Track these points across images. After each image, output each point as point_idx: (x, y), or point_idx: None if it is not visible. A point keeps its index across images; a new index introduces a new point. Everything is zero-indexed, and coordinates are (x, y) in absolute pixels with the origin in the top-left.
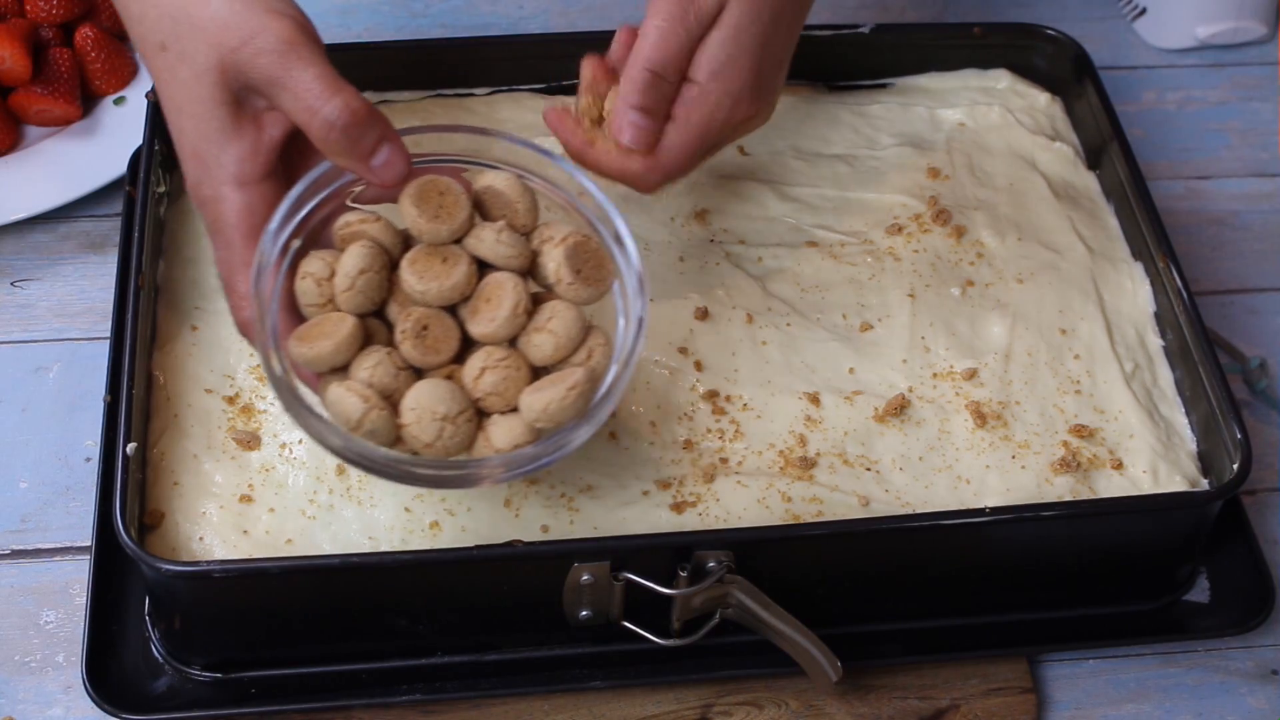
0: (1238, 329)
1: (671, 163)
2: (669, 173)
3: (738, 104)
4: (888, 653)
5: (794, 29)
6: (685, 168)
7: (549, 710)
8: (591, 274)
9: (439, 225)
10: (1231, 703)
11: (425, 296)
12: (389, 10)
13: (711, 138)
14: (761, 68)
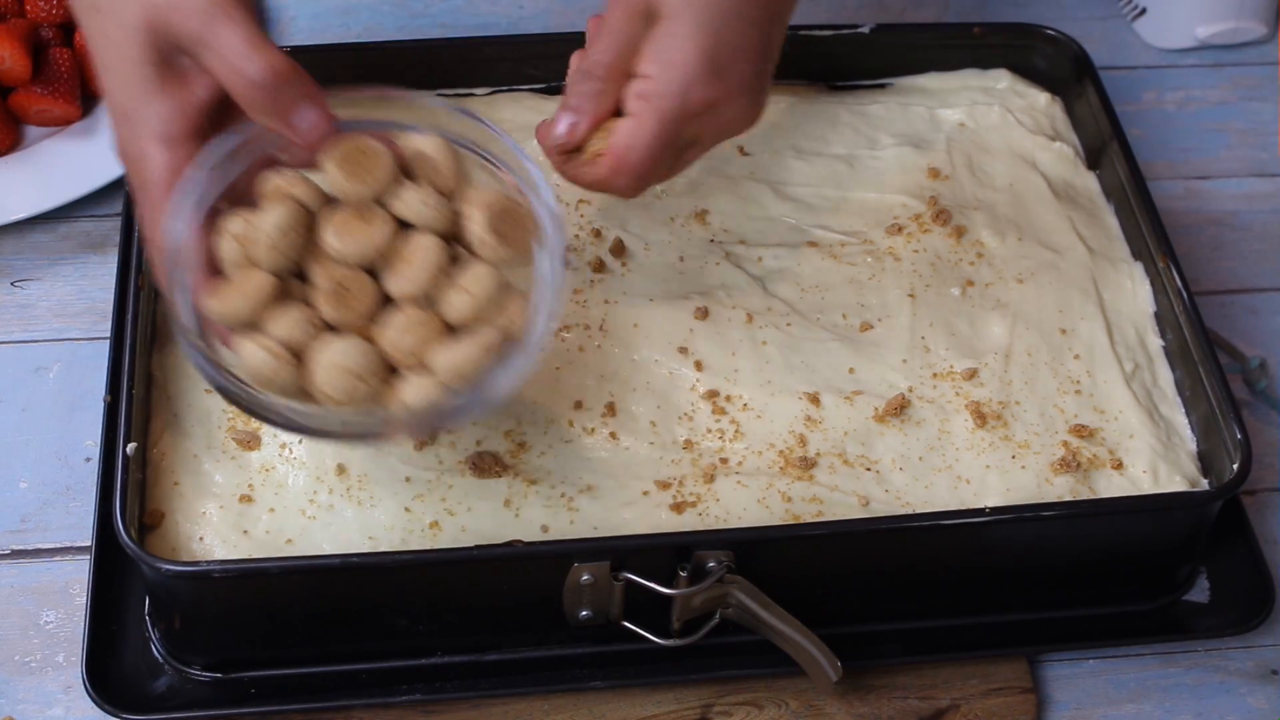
0: (1238, 329)
1: (635, 161)
2: (637, 172)
3: (688, 90)
4: (888, 653)
5: (762, 15)
6: (652, 165)
7: (549, 710)
8: (512, 236)
9: (360, 185)
10: (1231, 703)
11: (344, 255)
12: (389, 10)
13: (671, 130)
14: (714, 53)
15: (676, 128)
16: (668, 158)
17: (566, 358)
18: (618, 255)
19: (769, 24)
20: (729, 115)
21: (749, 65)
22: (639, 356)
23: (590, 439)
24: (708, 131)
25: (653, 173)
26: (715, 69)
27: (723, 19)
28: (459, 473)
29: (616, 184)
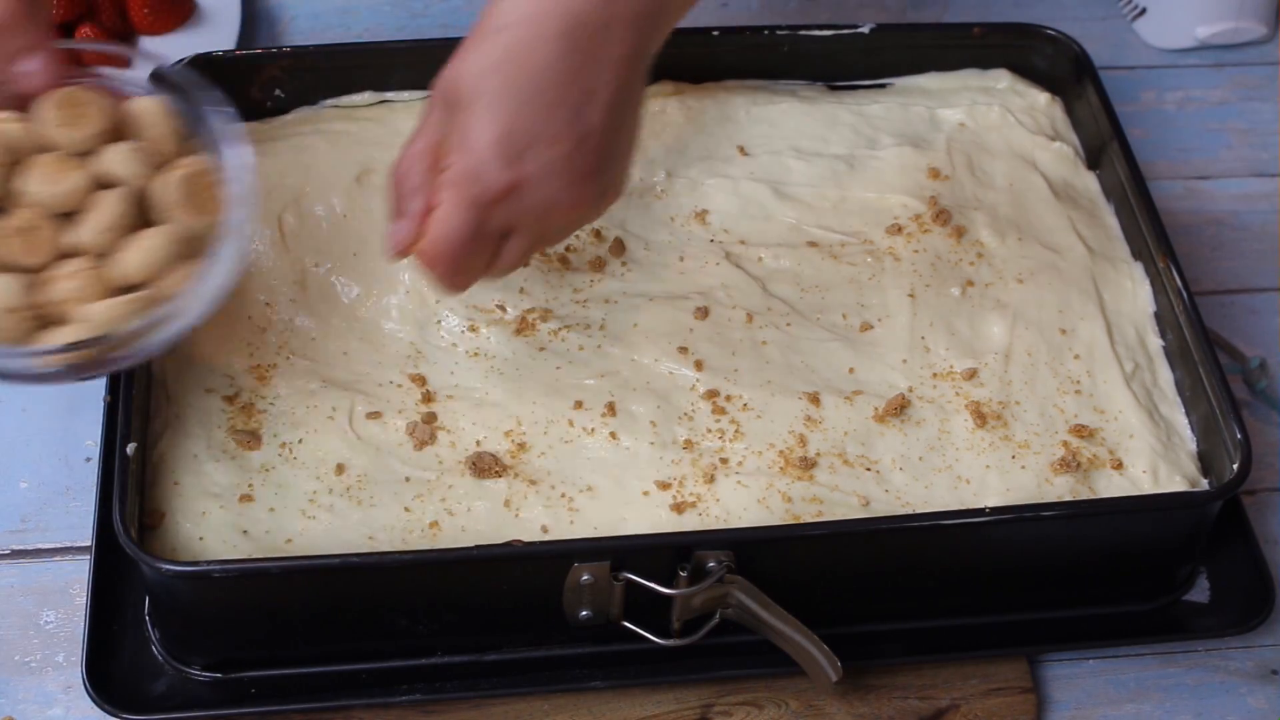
0: (1238, 329)
1: (446, 252)
2: (449, 263)
3: (482, 176)
4: (888, 653)
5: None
6: (463, 254)
7: (549, 710)
8: (200, 205)
9: (68, 132)
10: (1231, 703)
11: (36, 198)
12: (389, 10)
13: (474, 218)
14: (509, 137)
15: (479, 215)
16: (480, 247)
17: (567, 358)
18: (618, 255)
19: (581, 105)
20: (538, 201)
21: (554, 149)
22: (639, 356)
23: (590, 439)
24: (521, 219)
25: (467, 263)
26: (510, 153)
27: (519, 102)
28: (459, 473)
29: (435, 276)
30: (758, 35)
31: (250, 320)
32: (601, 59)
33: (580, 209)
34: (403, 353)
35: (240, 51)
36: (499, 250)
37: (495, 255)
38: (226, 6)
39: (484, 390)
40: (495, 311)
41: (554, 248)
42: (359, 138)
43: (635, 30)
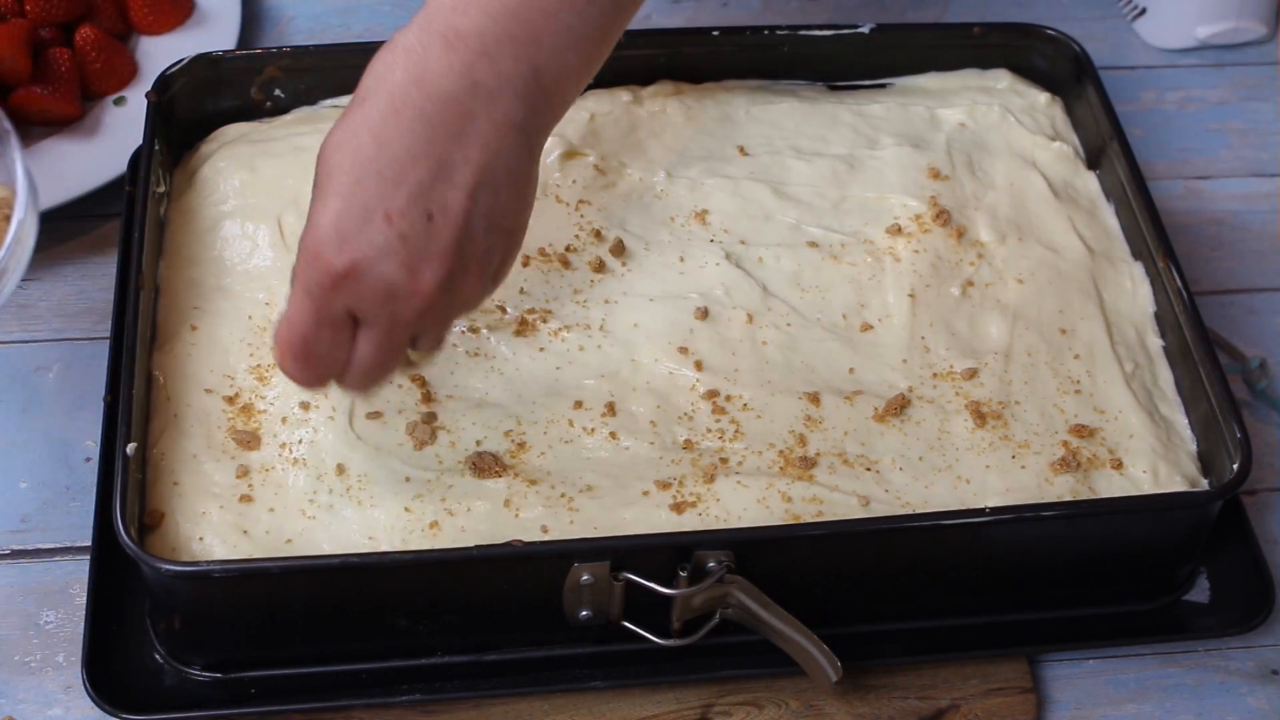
0: (1238, 329)
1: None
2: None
3: (317, 255)
4: (888, 653)
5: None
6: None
7: (549, 710)
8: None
9: None
10: (1231, 703)
11: None
12: (389, 10)
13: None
14: (341, 217)
15: (321, 300)
16: (328, 337)
17: (566, 358)
18: (618, 255)
19: (431, 182)
20: (377, 284)
21: (391, 228)
22: (639, 356)
23: (590, 439)
24: (363, 305)
25: (311, 354)
26: (342, 233)
27: (356, 181)
28: (459, 473)
29: (287, 370)
30: (758, 35)
31: (250, 320)
32: (468, 134)
33: (429, 294)
34: None
35: (240, 51)
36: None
37: (350, 347)
38: (226, 6)
39: (484, 390)
40: (495, 312)
41: (554, 248)
42: None
43: (520, 102)
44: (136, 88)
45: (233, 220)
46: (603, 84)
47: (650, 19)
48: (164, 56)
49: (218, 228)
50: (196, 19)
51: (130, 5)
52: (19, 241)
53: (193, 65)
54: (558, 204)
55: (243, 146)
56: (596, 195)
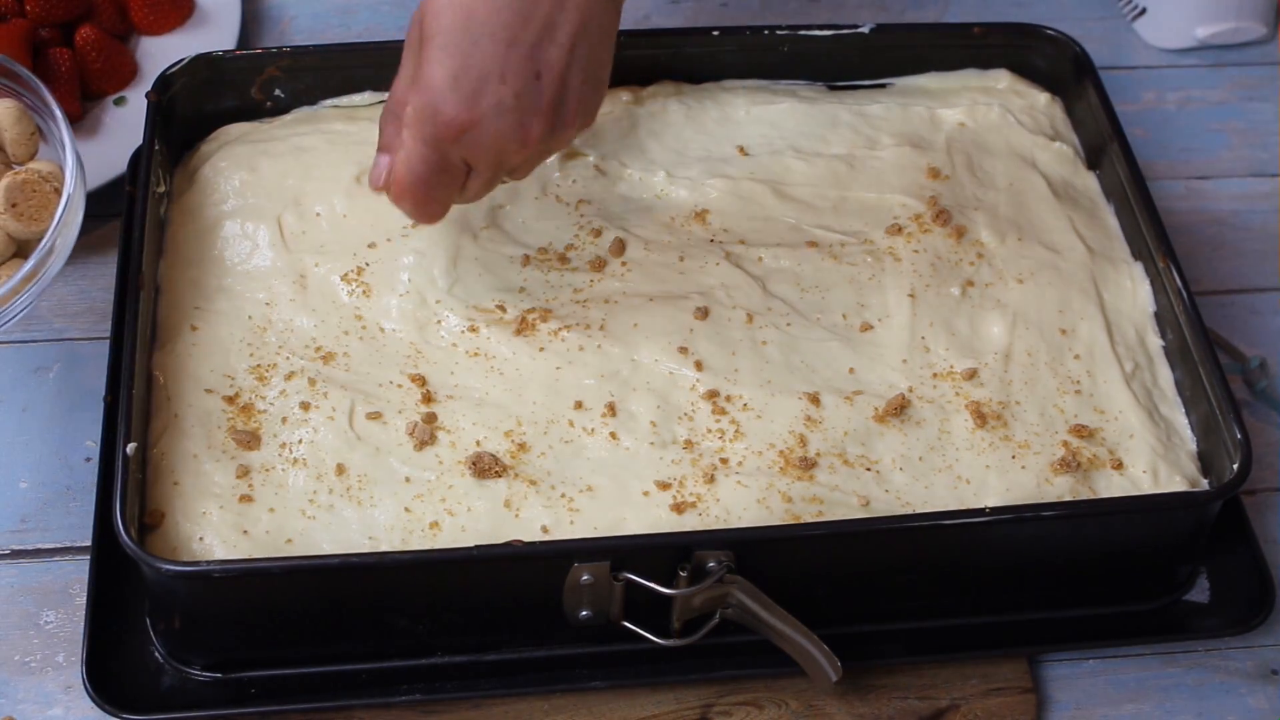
0: (1238, 329)
1: (410, 186)
2: (414, 198)
3: (437, 112)
4: (888, 653)
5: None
6: (425, 190)
7: (549, 710)
8: (30, 212)
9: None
10: (1231, 703)
11: None
12: (389, 10)
13: (432, 155)
14: (461, 75)
15: (437, 152)
16: (442, 182)
17: (566, 358)
18: (618, 255)
19: (537, 42)
20: (491, 138)
21: (505, 87)
22: (639, 356)
23: (590, 439)
24: (477, 156)
25: (430, 197)
26: (462, 91)
27: (472, 41)
28: (459, 473)
29: (404, 210)
30: (758, 35)
31: (250, 320)
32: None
33: (535, 145)
34: (403, 353)
35: (240, 51)
36: (465, 181)
37: (462, 185)
38: (226, 6)
39: (484, 390)
40: (495, 311)
41: (554, 248)
42: (359, 138)
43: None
44: (136, 88)
45: (233, 220)
46: None
47: (650, 19)
48: (164, 56)
49: (218, 228)
50: (196, 19)
51: (130, 5)
52: (69, 217)
53: (193, 65)
54: (558, 204)
55: (243, 146)
56: (596, 195)
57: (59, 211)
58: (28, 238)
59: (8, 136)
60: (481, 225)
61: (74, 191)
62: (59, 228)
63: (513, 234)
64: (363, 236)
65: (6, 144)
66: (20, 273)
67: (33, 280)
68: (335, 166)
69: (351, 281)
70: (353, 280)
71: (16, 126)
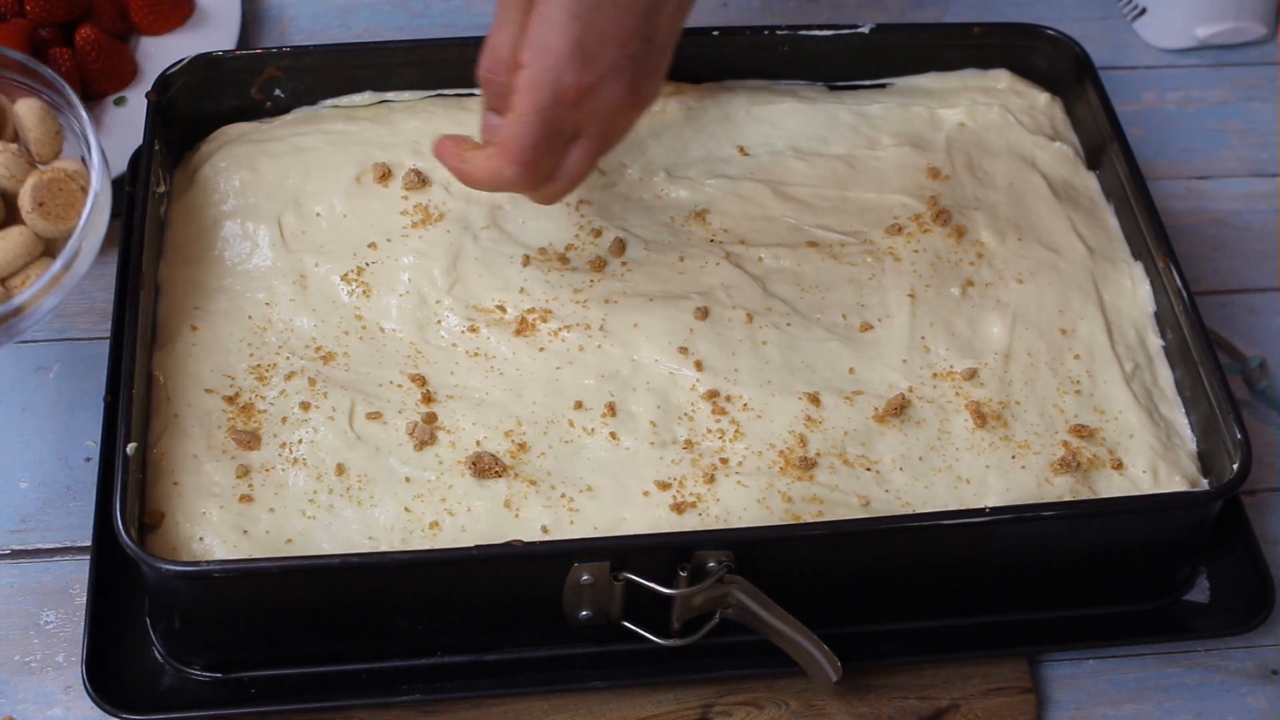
0: (1238, 329)
1: (519, 151)
2: (522, 161)
3: (559, 76)
4: (888, 653)
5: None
6: (535, 155)
7: (549, 710)
8: (56, 211)
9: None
10: (1231, 703)
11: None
12: (389, 10)
13: (547, 119)
14: (584, 38)
15: (553, 116)
16: (551, 148)
17: (566, 358)
18: (618, 255)
19: (650, 10)
20: (608, 102)
21: (622, 50)
22: (639, 356)
23: (590, 439)
24: (588, 121)
25: (538, 163)
26: (585, 55)
27: (593, 7)
28: (459, 473)
29: (507, 174)
30: (758, 35)
31: (250, 320)
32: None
33: (641, 109)
34: (403, 353)
35: (240, 51)
36: (564, 155)
37: (561, 161)
38: (226, 6)
39: (484, 390)
40: (495, 311)
41: (554, 248)
42: (359, 138)
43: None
44: (136, 88)
45: (233, 220)
46: None
47: None
48: (164, 56)
49: (218, 228)
50: (196, 19)
51: (130, 5)
52: (96, 215)
53: (193, 65)
54: (558, 204)
55: (243, 146)
56: (596, 195)
57: (86, 210)
58: (55, 236)
59: (32, 136)
60: (481, 225)
61: (100, 189)
62: (86, 226)
63: (513, 234)
64: (363, 236)
65: (31, 143)
66: (49, 272)
67: (61, 279)
68: (335, 166)
69: (351, 281)
70: (353, 280)
71: (40, 126)
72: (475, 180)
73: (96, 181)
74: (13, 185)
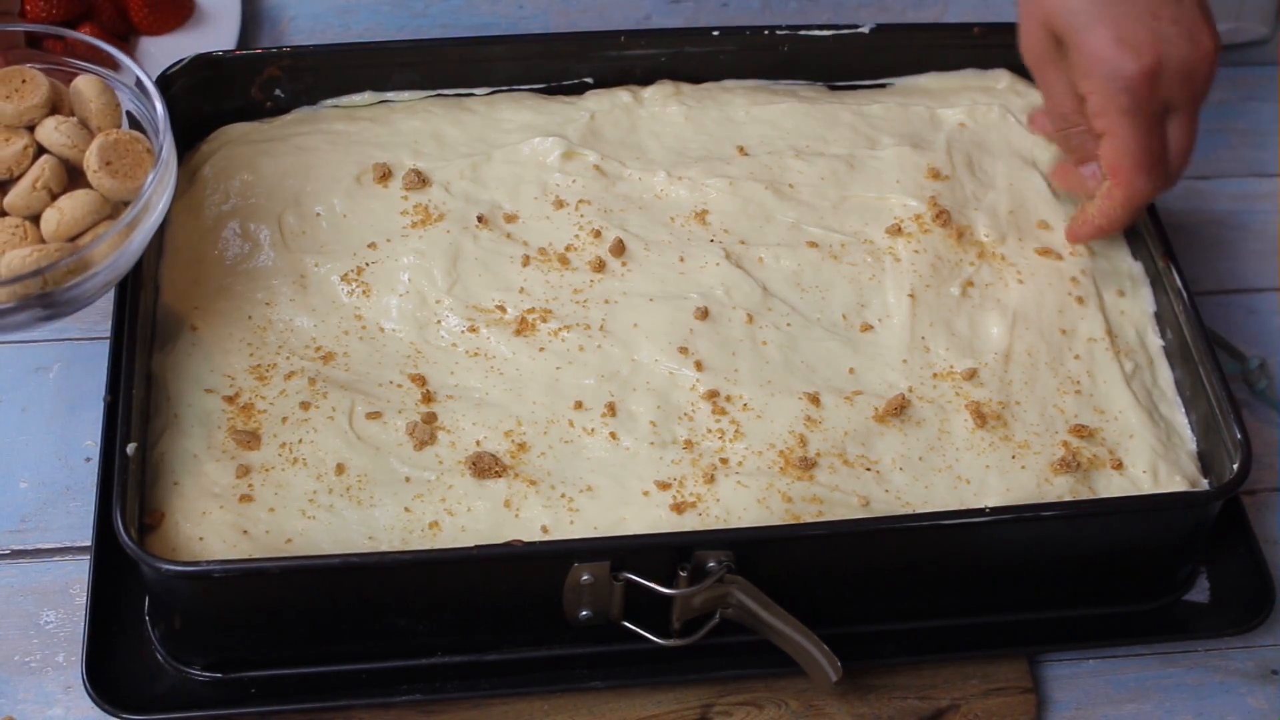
0: (1238, 329)
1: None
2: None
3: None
4: (888, 653)
5: None
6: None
7: (549, 710)
8: (123, 170)
9: (7, 104)
10: (1231, 703)
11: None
12: (389, 10)
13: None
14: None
15: (1144, 109)
16: (1158, 138)
17: (566, 358)
18: (618, 255)
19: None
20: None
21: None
22: (639, 356)
23: (590, 439)
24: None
25: (1157, 159)
26: (1129, 43)
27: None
28: (459, 473)
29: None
30: (758, 35)
31: (250, 320)
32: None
33: (1214, 53)
34: (403, 353)
35: (240, 51)
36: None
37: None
38: (226, 6)
39: (484, 390)
40: (495, 311)
41: (554, 248)
42: (359, 138)
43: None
44: None
45: (233, 220)
46: (603, 84)
47: (650, 19)
48: (164, 56)
49: (218, 228)
50: (196, 19)
51: (130, 5)
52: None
53: (193, 65)
54: (558, 204)
55: (243, 146)
56: (596, 195)
57: (156, 169)
58: (123, 197)
59: (92, 108)
60: (481, 225)
61: (166, 148)
62: (155, 183)
63: (513, 234)
64: (363, 236)
65: (92, 115)
66: (119, 223)
67: (132, 234)
68: (335, 166)
69: (351, 281)
70: (353, 280)
71: (100, 98)
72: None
73: (163, 140)
74: (75, 155)
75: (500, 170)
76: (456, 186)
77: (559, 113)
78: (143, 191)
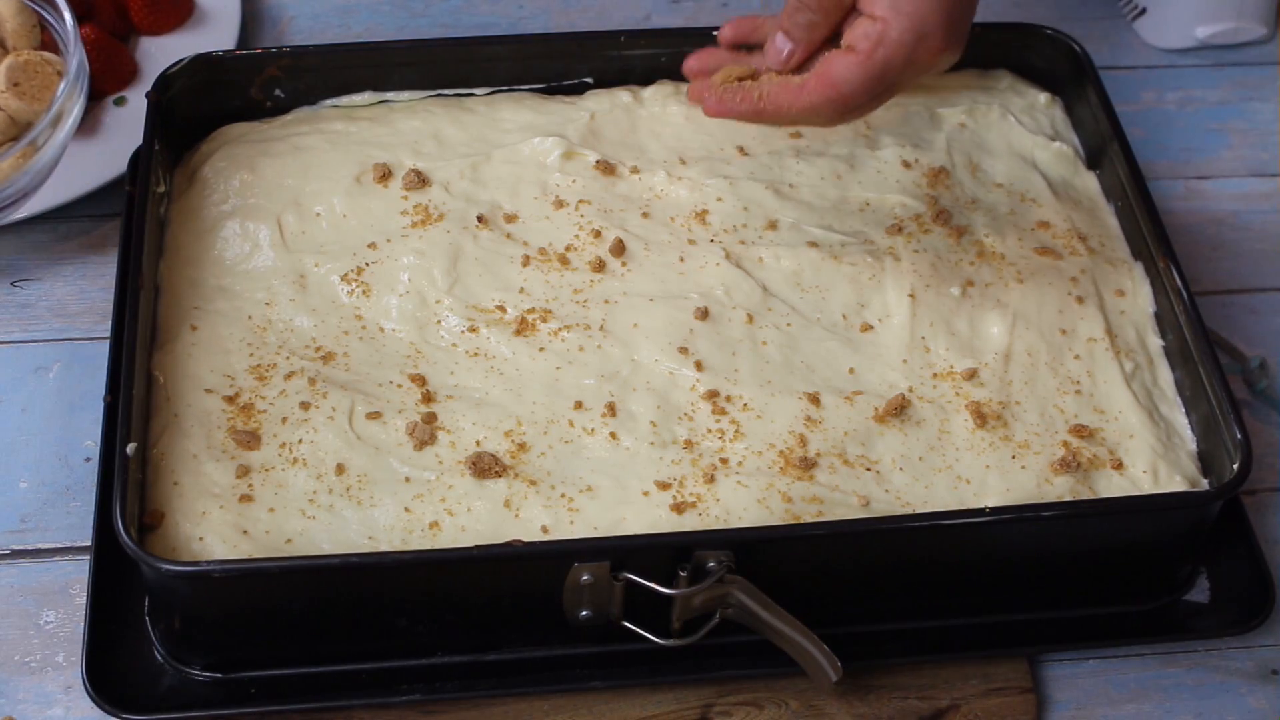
0: (1238, 329)
1: (848, 94)
2: (846, 105)
3: (924, 41)
4: (888, 653)
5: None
6: (861, 102)
7: (549, 710)
8: (30, 91)
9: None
10: (1231, 703)
11: None
12: (389, 10)
13: (889, 75)
14: (952, 10)
15: (894, 73)
16: (873, 99)
17: (566, 358)
18: (617, 255)
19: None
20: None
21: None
22: (639, 356)
23: (590, 439)
24: (918, 77)
25: (858, 110)
26: (951, 26)
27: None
28: (459, 473)
29: (823, 111)
30: None
31: (250, 320)
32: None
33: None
34: (403, 353)
35: (240, 51)
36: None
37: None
38: (226, 6)
39: (484, 390)
40: (495, 311)
41: (554, 248)
42: (359, 138)
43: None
44: (136, 88)
45: (233, 220)
46: (603, 84)
47: (650, 19)
48: (164, 56)
49: (218, 228)
50: (196, 19)
51: (130, 5)
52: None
53: (193, 65)
54: (558, 204)
55: (243, 146)
56: (596, 195)
57: (61, 90)
58: (29, 119)
59: (8, 28)
60: (481, 225)
61: (76, 71)
62: (60, 106)
63: (513, 234)
64: (363, 236)
65: (7, 35)
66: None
67: (33, 156)
68: (335, 166)
69: (351, 281)
70: (353, 280)
71: (17, 18)
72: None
73: (73, 64)
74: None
75: (500, 170)
76: (456, 186)
77: (559, 113)
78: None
